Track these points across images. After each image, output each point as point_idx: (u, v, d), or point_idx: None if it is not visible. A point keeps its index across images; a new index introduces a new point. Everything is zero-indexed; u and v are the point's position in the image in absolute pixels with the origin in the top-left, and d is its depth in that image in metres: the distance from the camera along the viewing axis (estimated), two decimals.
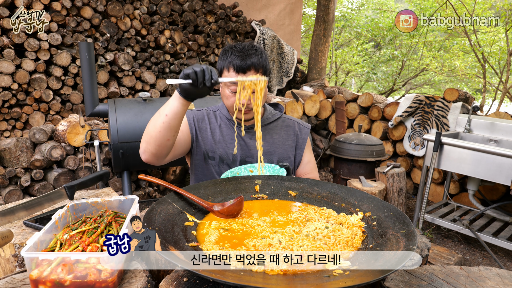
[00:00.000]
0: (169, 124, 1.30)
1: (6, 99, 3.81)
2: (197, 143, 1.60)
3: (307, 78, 6.65)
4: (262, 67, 1.50)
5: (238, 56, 1.46)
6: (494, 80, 9.65)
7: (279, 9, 7.19)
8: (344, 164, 3.85)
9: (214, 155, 1.58)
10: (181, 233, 0.94)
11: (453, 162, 3.14)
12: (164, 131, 1.32)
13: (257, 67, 1.47)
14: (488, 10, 8.53)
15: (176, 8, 4.95)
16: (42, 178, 3.26)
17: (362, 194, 1.17)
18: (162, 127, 1.31)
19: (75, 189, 1.30)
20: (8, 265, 0.99)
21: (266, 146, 1.62)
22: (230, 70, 1.47)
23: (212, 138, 1.60)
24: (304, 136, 1.71)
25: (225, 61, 1.49)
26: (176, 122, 1.31)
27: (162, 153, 1.39)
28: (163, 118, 1.30)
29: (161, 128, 1.31)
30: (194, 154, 1.60)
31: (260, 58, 1.50)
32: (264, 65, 1.51)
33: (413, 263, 0.96)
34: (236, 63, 1.45)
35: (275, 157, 1.62)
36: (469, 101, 4.29)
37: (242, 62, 1.44)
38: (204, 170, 1.59)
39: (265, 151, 1.61)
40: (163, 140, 1.34)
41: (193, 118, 1.62)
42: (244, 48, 1.49)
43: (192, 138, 1.60)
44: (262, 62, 1.50)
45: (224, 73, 1.51)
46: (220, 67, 1.53)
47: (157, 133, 1.33)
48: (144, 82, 4.70)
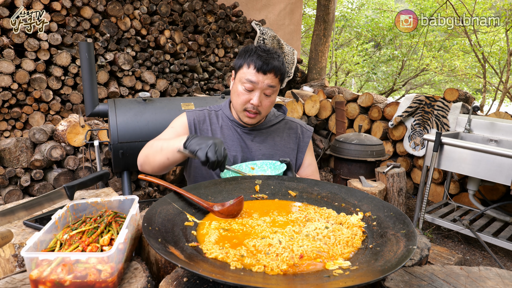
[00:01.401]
0: (169, 165, 1.41)
1: (6, 99, 3.81)
2: None
3: (307, 78, 6.65)
4: (281, 73, 1.50)
5: (262, 56, 1.45)
6: (494, 80, 9.65)
7: (279, 9, 7.19)
8: (344, 164, 3.85)
9: None
10: (181, 233, 0.94)
11: (453, 162, 3.14)
12: (163, 167, 1.43)
13: (277, 72, 1.47)
14: (488, 10, 8.53)
15: (176, 8, 4.95)
16: (42, 178, 3.26)
17: (362, 194, 1.17)
18: (161, 165, 1.41)
19: (75, 189, 1.30)
20: (8, 265, 0.99)
21: (267, 148, 1.61)
22: (251, 67, 1.45)
23: None
24: (306, 140, 1.71)
25: (247, 58, 1.47)
26: (176, 164, 1.41)
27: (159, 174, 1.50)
28: (164, 160, 1.38)
29: (160, 165, 1.41)
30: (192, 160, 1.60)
31: (282, 64, 1.50)
32: (283, 71, 1.51)
33: (413, 263, 0.96)
34: (259, 62, 1.44)
35: (276, 159, 1.61)
36: (469, 101, 4.29)
37: (265, 63, 1.44)
38: (202, 171, 1.58)
39: (266, 154, 1.60)
40: (160, 171, 1.45)
41: (193, 121, 1.60)
42: (269, 51, 1.49)
43: None
44: (283, 68, 1.50)
45: (243, 68, 1.48)
46: (240, 63, 1.50)
47: (155, 165, 1.42)
48: (144, 82, 4.71)
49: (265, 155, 1.59)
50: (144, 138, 3.02)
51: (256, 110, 1.49)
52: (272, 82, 1.47)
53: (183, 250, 0.84)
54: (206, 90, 5.46)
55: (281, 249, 0.87)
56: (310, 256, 0.85)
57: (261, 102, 1.48)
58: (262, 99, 1.48)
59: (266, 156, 1.60)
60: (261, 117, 1.57)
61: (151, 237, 0.83)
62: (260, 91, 1.47)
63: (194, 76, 5.23)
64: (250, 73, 1.45)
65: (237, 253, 0.86)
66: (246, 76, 1.46)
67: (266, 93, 1.48)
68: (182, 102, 3.24)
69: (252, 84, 1.45)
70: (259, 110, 1.50)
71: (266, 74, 1.44)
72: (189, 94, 5.21)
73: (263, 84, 1.45)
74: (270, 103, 1.53)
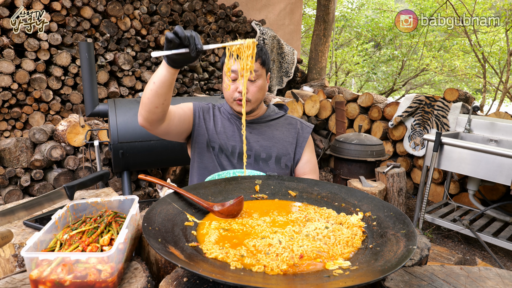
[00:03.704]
0: (157, 91, 1.32)
1: (6, 99, 3.81)
2: (199, 130, 1.63)
3: (307, 78, 6.65)
4: (260, 57, 1.54)
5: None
6: (494, 80, 9.65)
7: (279, 9, 7.19)
8: (344, 164, 3.84)
9: (215, 145, 1.61)
10: (181, 233, 0.94)
11: (453, 162, 3.14)
12: (153, 97, 1.34)
13: (256, 56, 1.50)
14: (488, 10, 8.53)
15: (176, 8, 4.95)
16: (42, 178, 3.26)
17: (362, 194, 1.17)
18: (151, 94, 1.34)
19: (75, 189, 1.30)
20: (8, 265, 0.99)
21: (265, 140, 1.64)
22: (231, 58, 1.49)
23: (214, 128, 1.65)
24: (306, 135, 1.72)
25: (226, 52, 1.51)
26: (164, 90, 1.33)
27: (153, 119, 1.42)
28: (151, 86, 1.32)
29: (149, 95, 1.34)
30: (196, 142, 1.63)
31: (260, 50, 1.54)
32: (262, 56, 1.55)
33: (413, 263, 0.96)
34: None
35: (273, 152, 1.63)
36: (469, 101, 4.29)
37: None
38: (205, 158, 1.62)
39: (264, 146, 1.63)
40: (152, 107, 1.37)
41: (198, 108, 1.66)
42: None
43: (194, 123, 1.63)
44: (262, 54, 1.54)
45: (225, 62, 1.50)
46: (223, 59, 1.55)
47: (146, 99, 1.36)
48: (144, 82, 4.70)
49: (262, 147, 1.63)
50: (144, 138, 3.02)
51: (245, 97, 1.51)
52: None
53: (183, 250, 0.84)
54: (206, 90, 5.46)
55: (281, 249, 0.87)
56: (310, 256, 0.85)
57: (247, 89, 1.52)
58: (247, 85, 1.52)
59: (264, 148, 1.62)
60: (252, 105, 1.59)
61: (151, 237, 0.83)
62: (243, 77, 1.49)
63: (194, 76, 5.23)
64: (231, 63, 1.49)
65: (237, 253, 0.86)
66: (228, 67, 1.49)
67: (249, 79, 1.52)
68: (182, 102, 3.24)
69: (234, 73, 1.51)
70: (247, 97, 1.53)
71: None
72: (189, 94, 5.21)
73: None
74: (258, 89, 1.56)
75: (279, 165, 1.63)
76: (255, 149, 1.61)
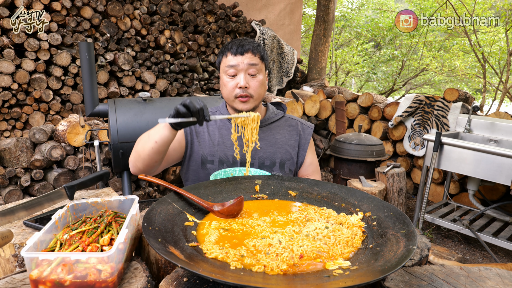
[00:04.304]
0: (158, 149, 1.34)
1: (6, 99, 3.81)
2: (193, 149, 1.57)
3: (307, 78, 6.65)
4: (259, 52, 1.52)
5: (235, 42, 1.50)
6: (494, 80, 9.65)
7: (279, 9, 7.19)
8: (344, 164, 3.85)
9: (214, 158, 1.55)
10: (181, 233, 0.94)
11: (453, 162, 3.14)
12: (153, 155, 1.36)
13: (254, 50, 1.49)
14: (488, 10, 8.53)
15: (176, 8, 4.95)
16: (42, 178, 3.26)
17: (362, 194, 1.17)
18: (152, 151, 1.35)
19: (75, 189, 1.30)
20: (8, 265, 0.99)
21: (268, 146, 1.60)
22: (228, 55, 1.49)
23: (211, 141, 1.58)
24: (307, 136, 1.69)
25: (223, 50, 1.53)
26: (165, 147, 1.35)
27: (150, 171, 1.43)
28: (152, 144, 1.33)
29: (149, 152, 1.35)
30: (189, 161, 1.58)
31: (258, 45, 1.53)
32: (260, 51, 1.52)
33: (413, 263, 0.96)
34: (234, 47, 1.48)
35: (277, 158, 1.59)
36: (469, 101, 4.29)
37: (239, 46, 1.48)
38: (199, 174, 1.56)
39: (267, 152, 1.59)
40: (151, 162, 1.39)
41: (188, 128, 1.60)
42: (242, 38, 1.54)
43: (187, 145, 1.58)
44: (260, 49, 1.53)
45: (222, 60, 1.53)
46: (220, 58, 1.55)
47: (145, 155, 1.37)
48: (144, 82, 4.71)
49: (266, 153, 1.58)
50: None
51: (247, 93, 1.49)
52: (252, 60, 1.48)
53: (183, 250, 0.84)
54: (206, 90, 5.46)
55: (281, 249, 0.87)
56: (310, 256, 0.86)
57: (248, 83, 1.49)
58: (248, 80, 1.49)
59: (267, 154, 1.58)
60: (255, 101, 1.54)
61: (151, 237, 0.83)
62: (244, 72, 1.48)
63: (194, 76, 5.23)
64: (229, 59, 1.49)
65: (237, 253, 0.86)
66: (226, 63, 1.49)
67: (250, 73, 1.49)
68: None
69: (233, 68, 1.48)
70: (249, 92, 1.50)
71: (244, 54, 1.47)
72: (189, 94, 5.21)
73: (243, 65, 1.47)
74: (259, 83, 1.52)
75: (283, 171, 1.60)
76: (258, 156, 1.57)
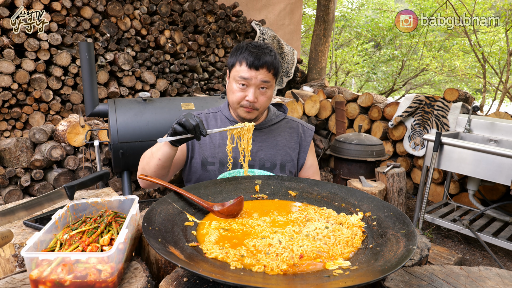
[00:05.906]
0: (162, 165, 1.41)
1: (6, 99, 3.81)
2: (194, 152, 1.58)
3: (307, 78, 6.65)
4: (274, 68, 1.49)
5: (253, 52, 1.45)
6: (494, 80, 9.65)
7: (279, 9, 7.19)
8: (344, 164, 3.85)
9: (214, 160, 1.56)
10: (181, 233, 0.94)
11: (453, 162, 3.14)
12: (159, 170, 1.43)
13: (270, 66, 1.47)
14: (488, 10, 8.53)
15: (176, 8, 4.95)
16: (42, 178, 3.26)
17: (362, 194, 1.17)
18: (157, 168, 1.42)
19: (75, 189, 1.30)
20: (8, 265, 0.99)
21: (269, 148, 1.60)
22: (243, 64, 1.46)
23: (211, 143, 1.58)
24: (308, 139, 1.69)
25: (238, 55, 1.48)
26: (169, 162, 1.42)
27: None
28: (156, 161, 1.40)
29: (155, 169, 1.42)
30: (191, 163, 1.59)
31: (274, 59, 1.49)
32: (276, 66, 1.50)
33: (413, 263, 0.96)
34: (250, 59, 1.44)
35: (278, 160, 1.60)
36: (469, 101, 4.29)
37: (256, 59, 1.44)
38: (200, 176, 1.57)
39: (268, 154, 1.59)
40: (159, 176, 1.46)
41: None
42: (260, 46, 1.49)
43: (188, 149, 1.59)
44: (275, 63, 1.50)
45: (235, 66, 1.49)
46: (233, 61, 1.51)
47: (152, 172, 1.43)
48: (144, 82, 4.71)
49: (266, 155, 1.58)
50: (144, 138, 3.02)
51: (253, 106, 1.49)
52: (265, 77, 1.47)
53: (183, 250, 0.84)
54: (206, 90, 5.46)
55: (281, 249, 0.87)
56: (310, 256, 0.86)
57: (256, 98, 1.48)
58: (257, 95, 1.48)
59: (268, 156, 1.59)
60: (259, 113, 1.55)
61: (151, 237, 0.83)
62: (255, 87, 1.47)
63: (194, 76, 5.23)
64: (242, 70, 1.46)
65: (237, 253, 0.86)
66: (239, 73, 1.46)
67: (261, 89, 1.49)
68: (182, 102, 3.24)
69: (245, 80, 1.46)
70: (255, 106, 1.50)
71: (259, 69, 1.45)
72: (189, 94, 5.21)
73: (256, 80, 1.46)
74: (267, 99, 1.52)
75: (283, 172, 1.61)
76: (259, 158, 1.57)
